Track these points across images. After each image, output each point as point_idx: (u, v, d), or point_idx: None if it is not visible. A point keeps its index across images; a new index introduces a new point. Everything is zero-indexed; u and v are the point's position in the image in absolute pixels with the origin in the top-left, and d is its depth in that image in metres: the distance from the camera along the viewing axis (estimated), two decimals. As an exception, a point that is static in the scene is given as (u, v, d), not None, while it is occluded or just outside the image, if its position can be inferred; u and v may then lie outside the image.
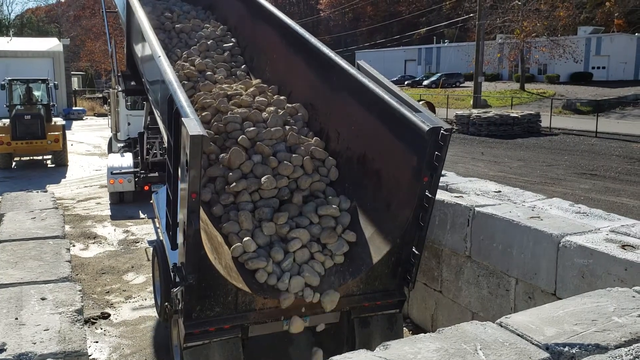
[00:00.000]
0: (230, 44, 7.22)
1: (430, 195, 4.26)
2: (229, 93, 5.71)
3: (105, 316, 6.82)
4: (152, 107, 6.52)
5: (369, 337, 4.56)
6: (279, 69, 6.42)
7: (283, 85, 6.15)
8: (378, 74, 5.09)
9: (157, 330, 6.41)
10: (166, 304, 5.26)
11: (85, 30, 62.13)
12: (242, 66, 6.87)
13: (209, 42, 7.12)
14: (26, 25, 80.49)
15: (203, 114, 5.38)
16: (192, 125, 3.56)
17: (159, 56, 4.95)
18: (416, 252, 4.44)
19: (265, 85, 6.06)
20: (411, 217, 4.34)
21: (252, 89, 5.91)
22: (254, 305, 4.16)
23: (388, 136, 4.65)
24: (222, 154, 4.92)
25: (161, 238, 5.85)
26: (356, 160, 5.00)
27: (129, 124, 15.53)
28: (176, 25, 7.61)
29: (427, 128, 4.15)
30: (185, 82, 6.12)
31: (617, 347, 2.70)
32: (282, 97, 5.83)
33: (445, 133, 4.11)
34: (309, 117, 5.65)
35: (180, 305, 4.06)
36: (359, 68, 5.26)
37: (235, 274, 4.15)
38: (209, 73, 6.39)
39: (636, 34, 58.36)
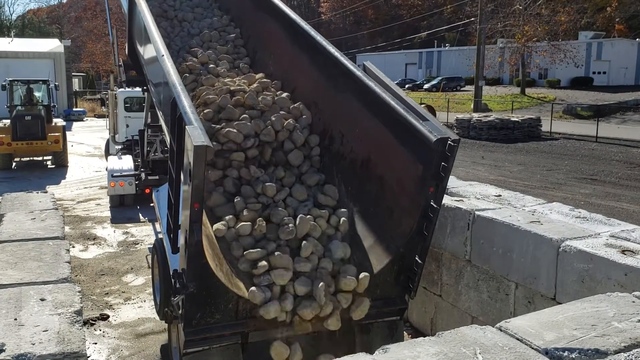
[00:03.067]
0: (233, 34, 7.11)
1: (435, 206, 4.19)
2: (232, 89, 5.65)
3: (104, 317, 6.81)
4: (154, 103, 6.46)
5: (369, 344, 4.51)
6: (282, 63, 6.29)
7: (286, 81, 6.04)
8: (384, 76, 5.01)
9: (156, 332, 6.40)
10: (166, 309, 5.25)
11: (86, 31, 62.26)
12: (245, 58, 6.76)
13: (211, 33, 7.05)
14: (27, 26, 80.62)
15: (205, 111, 5.33)
16: (197, 135, 3.49)
17: (162, 55, 4.87)
18: (419, 261, 4.38)
19: (268, 81, 5.96)
20: (415, 227, 4.27)
21: (255, 85, 5.81)
22: (254, 313, 4.14)
23: (393, 143, 4.56)
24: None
25: (161, 236, 5.82)
26: (360, 164, 4.91)
27: (127, 125, 15.49)
28: (178, 14, 7.51)
29: (434, 138, 4.06)
30: (187, 74, 6.09)
31: (616, 352, 2.69)
32: (285, 94, 5.74)
33: (452, 144, 4.03)
34: (312, 116, 5.58)
35: (180, 311, 4.03)
36: (365, 70, 5.17)
37: (236, 281, 4.13)
38: (212, 66, 6.31)
39: (637, 39, 58.49)
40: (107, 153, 16.37)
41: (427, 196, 4.18)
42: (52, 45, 41.73)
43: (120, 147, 14.98)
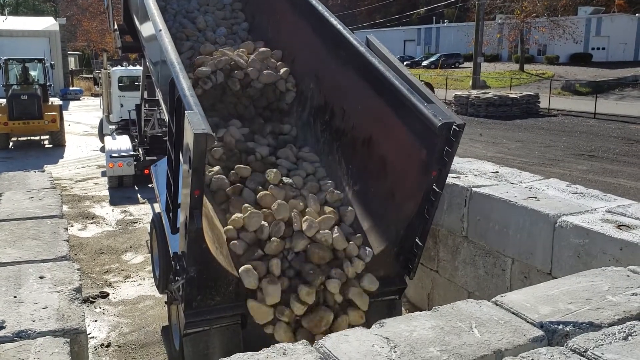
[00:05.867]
0: None
1: (437, 190, 4.16)
2: (230, 60, 5.59)
3: (104, 295, 6.86)
4: (152, 80, 6.35)
5: (368, 322, 4.56)
6: (282, 31, 6.13)
7: (286, 50, 5.90)
8: (388, 52, 4.90)
9: (156, 309, 6.46)
10: (166, 290, 5.27)
11: (81, 9, 61.40)
12: (243, 23, 6.61)
13: None
14: (21, 4, 79.66)
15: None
16: (196, 121, 3.38)
17: (160, 30, 4.73)
18: (419, 243, 4.36)
19: (267, 50, 5.81)
20: (416, 210, 4.24)
21: (258, 57, 5.68)
22: (254, 294, 4.15)
23: (396, 124, 4.48)
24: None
25: (159, 211, 5.81)
26: (361, 143, 4.85)
27: (121, 105, 15.29)
28: None
29: (439, 123, 3.98)
30: (185, 41, 5.99)
31: (610, 324, 2.73)
32: (284, 70, 5.65)
33: (457, 129, 3.97)
34: (313, 88, 5.48)
35: (180, 293, 4.05)
36: (369, 44, 5.04)
37: (236, 264, 4.14)
38: (210, 33, 6.21)
39: (637, 14, 57.99)
40: (101, 133, 16.18)
41: (430, 180, 4.14)
42: (46, 23, 41.26)
43: (114, 127, 14.82)
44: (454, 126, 3.99)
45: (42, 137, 19.07)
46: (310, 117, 5.44)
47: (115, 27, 8.42)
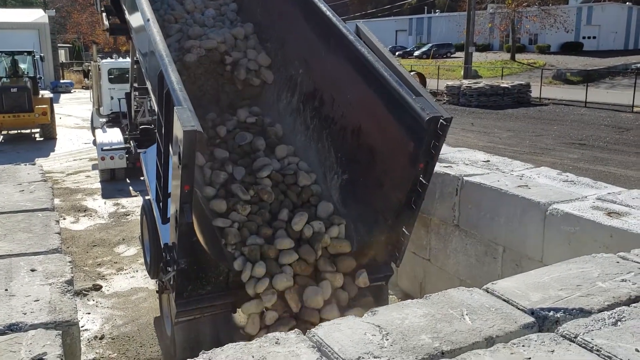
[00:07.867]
0: None
1: (424, 182, 4.19)
2: (220, 51, 5.54)
3: (97, 288, 6.85)
4: (142, 71, 6.27)
5: (355, 307, 4.59)
6: (272, 13, 6.08)
7: (276, 33, 5.88)
8: (378, 41, 4.89)
9: (149, 301, 6.46)
10: (157, 280, 5.28)
11: (71, 1, 60.87)
12: (231, 4, 6.51)
13: None
14: (10, -4, 78.78)
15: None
16: (186, 118, 3.35)
17: (148, 20, 4.66)
18: (406, 233, 4.41)
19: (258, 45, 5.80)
20: (404, 200, 4.28)
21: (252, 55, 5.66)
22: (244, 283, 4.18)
23: (385, 115, 4.49)
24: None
25: (149, 197, 5.77)
26: (350, 131, 4.86)
27: (111, 97, 15.14)
28: None
29: (426, 117, 4.00)
30: (173, 24, 5.95)
31: (600, 310, 2.75)
32: (269, 75, 5.66)
33: (444, 123, 4.00)
34: (302, 73, 5.46)
35: (172, 283, 4.06)
36: (358, 33, 5.02)
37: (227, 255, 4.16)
38: (198, 15, 6.14)
39: (627, 3, 58.16)
40: (93, 127, 16.07)
41: (417, 172, 4.17)
42: (35, 15, 40.86)
43: (104, 120, 14.69)
44: (441, 120, 4.02)
45: (33, 130, 18.93)
46: (300, 103, 5.43)
47: (102, 7, 8.28)
